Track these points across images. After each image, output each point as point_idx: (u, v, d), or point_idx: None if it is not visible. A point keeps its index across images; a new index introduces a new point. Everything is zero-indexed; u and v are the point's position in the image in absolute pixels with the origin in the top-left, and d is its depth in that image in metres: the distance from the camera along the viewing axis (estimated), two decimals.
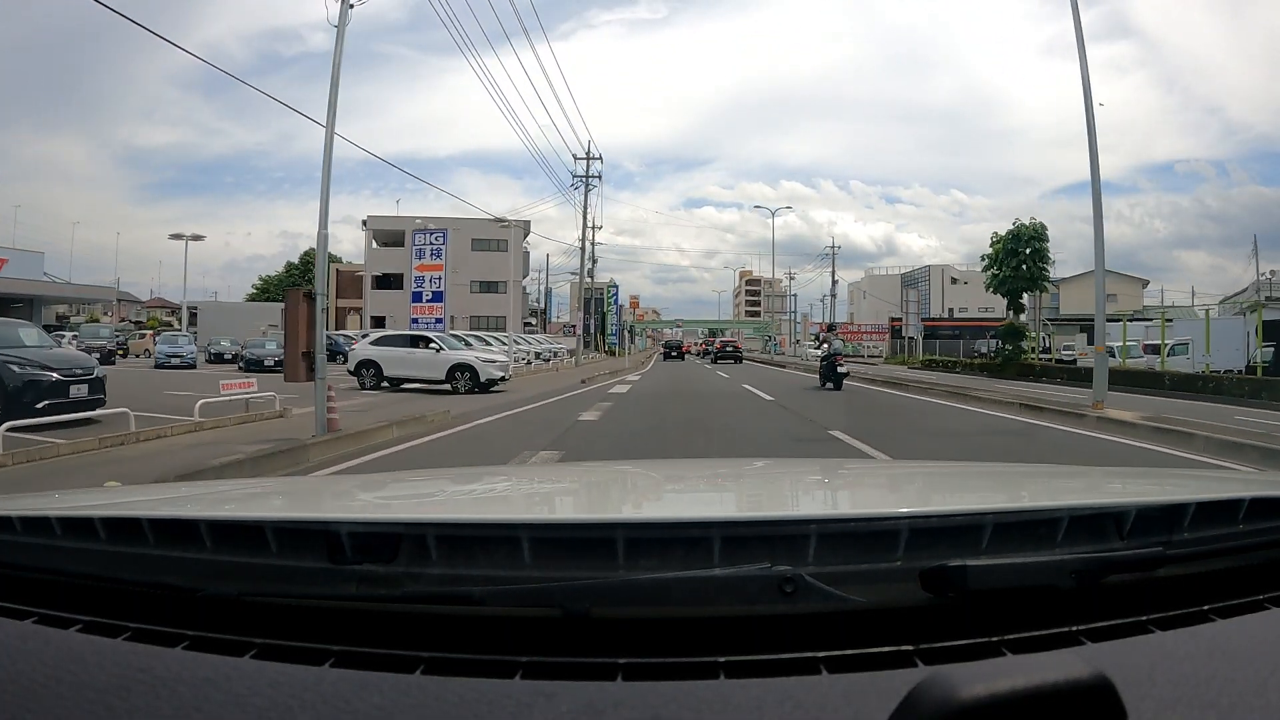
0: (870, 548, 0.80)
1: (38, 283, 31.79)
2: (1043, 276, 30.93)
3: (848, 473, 2.19)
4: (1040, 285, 31.13)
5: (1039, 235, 30.66)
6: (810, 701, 0.63)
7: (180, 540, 0.84)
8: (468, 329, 37.58)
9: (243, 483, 2.42)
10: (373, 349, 17.45)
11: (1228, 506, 0.95)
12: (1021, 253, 30.49)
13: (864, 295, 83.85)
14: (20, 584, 0.86)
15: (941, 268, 74.45)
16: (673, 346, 52.16)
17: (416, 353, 17.01)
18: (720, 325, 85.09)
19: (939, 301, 74.17)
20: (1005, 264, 30.56)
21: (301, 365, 9.11)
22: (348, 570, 0.78)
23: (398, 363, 16.87)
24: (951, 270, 77.70)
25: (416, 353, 17.01)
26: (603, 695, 0.64)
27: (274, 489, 1.69)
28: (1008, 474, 1.93)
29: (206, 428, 9.28)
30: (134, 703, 0.65)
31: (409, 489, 1.60)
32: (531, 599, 0.75)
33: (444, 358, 16.77)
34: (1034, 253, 30.52)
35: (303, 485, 1.83)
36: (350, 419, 9.83)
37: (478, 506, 1.37)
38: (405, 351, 17.10)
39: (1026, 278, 30.40)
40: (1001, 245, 30.91)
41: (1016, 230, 30.59)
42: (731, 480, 1.77)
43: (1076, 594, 0.78)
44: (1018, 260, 30.44)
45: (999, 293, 31.56)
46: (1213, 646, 0.74)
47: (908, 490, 1.59)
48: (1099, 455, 7.79)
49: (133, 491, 1.98)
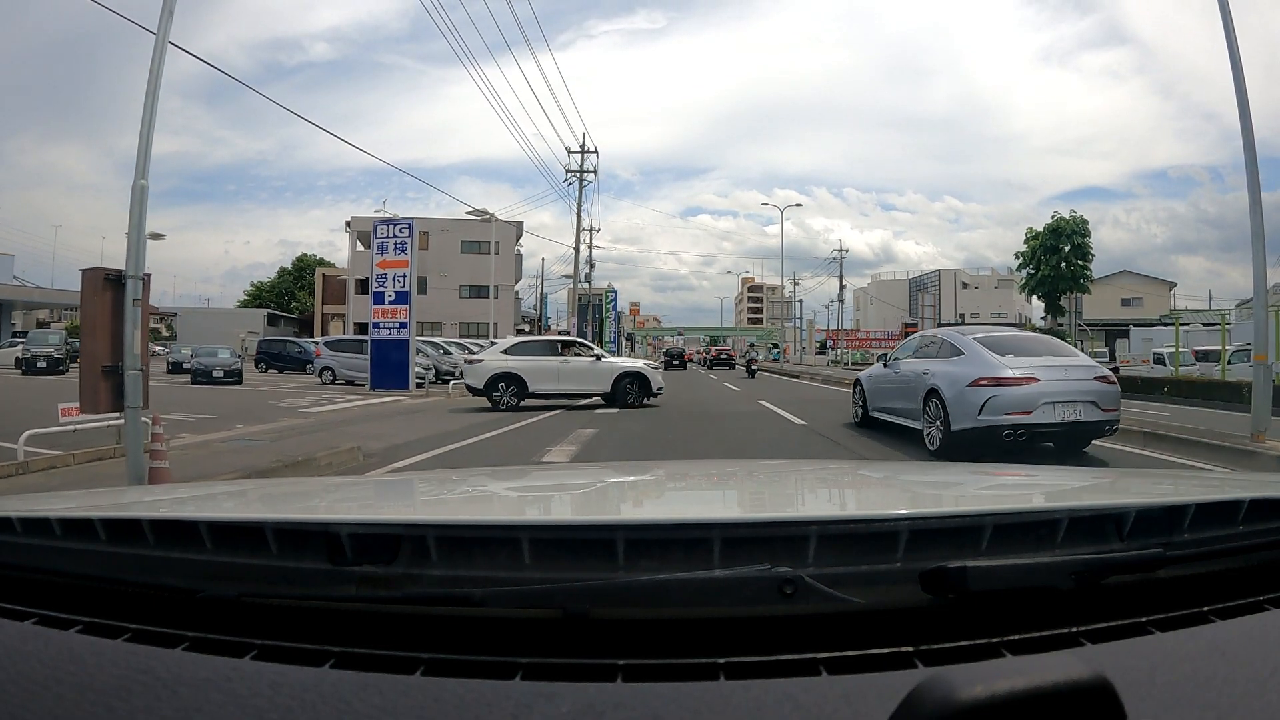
0: (870, 549, 0.80)
1: (7, 286, 29.23)
2: (1084, 275, 27.57)
3: (847, 474, 2.19)
4: (1082, 285, 27.74)
5: (1080, 229, 27.42)
6: (810, 703, 0.63)
7: (180, 541, 0.85)
8: (456, 335, 34.25)
9: (243, 483, 2.35)
10: (510, 359, 14.24)
11: (1228, 507, 0.95)
12: (1062, 249, 27.13)
13: (870, 301, 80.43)
14: (20, 585, 0.86)
15: (953, 271, 71.10)
16: (674, 354, 51.89)
17: (571, 362, 14.44)
18: (722, 333, 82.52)
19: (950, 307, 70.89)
20: (1045, 262, 27.24)
21: (103, 388, 5.63)
22: (348, 571, 0.79)
23: (548, 375, 14.15)
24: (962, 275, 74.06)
25: (571, 362, 14.44)
26: (603, 696, 0.64)
27: (274, 489, 1.68)
28: (1007, 475, 1.91)
29: (35, 469, 6.82)
30: (134, 703, 0.65)
31: (409, 490, 1.63)
32: (532, 600, 0.75)
33: (607, 366, 14.51)
34: (1075, 249, 27.21)
35: (303, 486, 1.82)
36: (215, 460, 7.26)
37: (478, 507, 1.37)
38: (557, 361, 14.43)
39: (1068, 276, 27.05)
40: (1039, 241, 27.72)
41: (1055, 225, 27.45)
42: (731, 481, 1.77)
43: (1076, 595, 0.78)
44: (1058, 258, 27.09)
45: (1035, 294, 28.30)
46: (1212, 647, 0.74)
47: (907, 491, 1.57)
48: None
49: (133, 492, 2.00)
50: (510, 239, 49.51)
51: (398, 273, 19.04)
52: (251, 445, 8.64)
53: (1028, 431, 7.00)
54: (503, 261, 49.18)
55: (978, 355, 7.61)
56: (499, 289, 48.21)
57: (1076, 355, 8.39)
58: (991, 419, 7.04)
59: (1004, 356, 7.47)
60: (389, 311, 18.95)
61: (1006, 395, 7.07)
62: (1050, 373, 7.21)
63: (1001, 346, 7.76)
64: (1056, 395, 7.07)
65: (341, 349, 23.46)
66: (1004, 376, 7.17)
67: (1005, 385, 7.12)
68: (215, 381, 22.74)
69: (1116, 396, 7.41)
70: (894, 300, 77.26)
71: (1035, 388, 7.05)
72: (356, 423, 11.83)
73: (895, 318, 72.36)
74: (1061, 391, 7.09)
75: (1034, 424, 6.99)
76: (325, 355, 23.57)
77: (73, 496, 1.52)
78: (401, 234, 19.19)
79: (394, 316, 18.87)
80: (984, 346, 7.73)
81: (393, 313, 18.90)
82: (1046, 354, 7.75)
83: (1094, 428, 7.29)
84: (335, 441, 8.77)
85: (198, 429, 10.42)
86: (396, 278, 19.03)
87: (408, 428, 11.05)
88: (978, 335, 8.23)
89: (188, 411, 12.90)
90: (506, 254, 50.01)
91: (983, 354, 7.59)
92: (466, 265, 46.56)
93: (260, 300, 56.55)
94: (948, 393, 7.48)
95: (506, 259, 49.93)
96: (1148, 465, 7.20)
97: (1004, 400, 7.06)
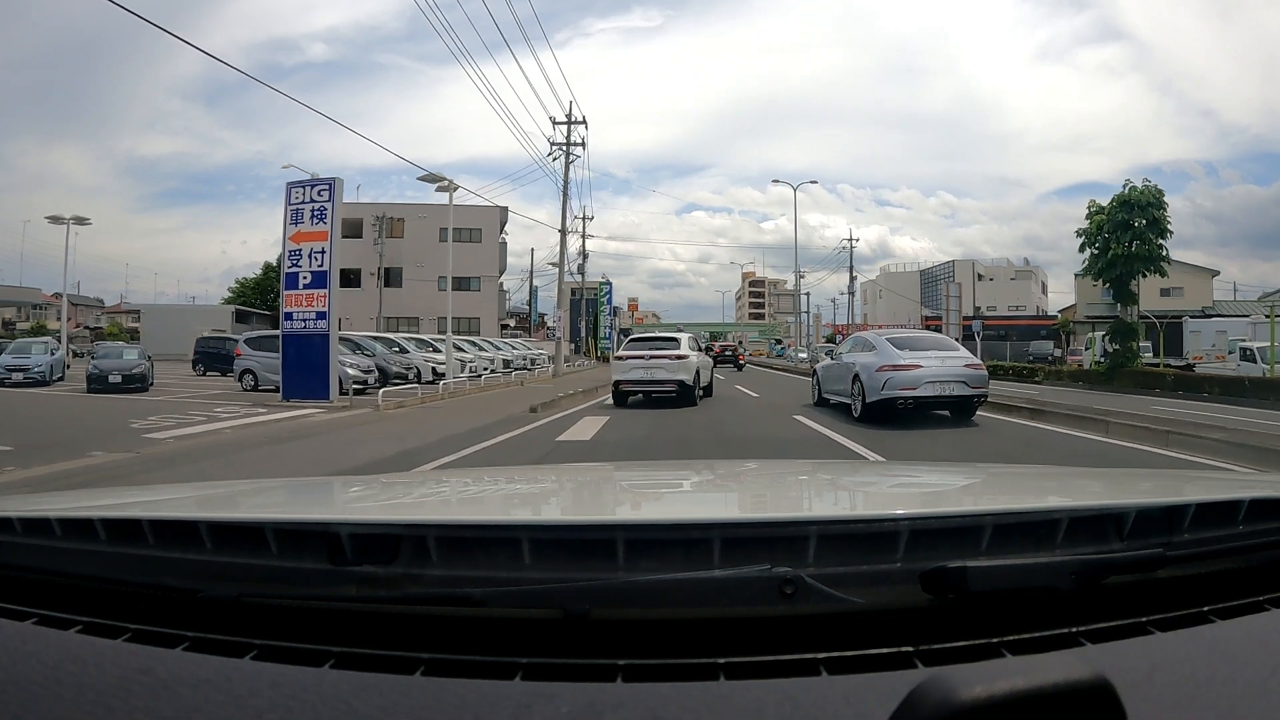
0: (870, 549, 0.82)
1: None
2: (1160, 256, 22.90)
3: (848, 474, 2.20)
4: (1159, 267, 23.06)
5: (1156, 200, 22.70)
6: (810, 703, 0.65)
7: (180, 541, 0.86)
8: (435, 332, 29.50)
9: (242, 483, 2.27)
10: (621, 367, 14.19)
11: (1228, 508, 0.96)
12: (1135, 224, 22.42)
13: (880, 294, 75.93)
14: (20, 585, 0.88)
15: (970, 262, 66.56)
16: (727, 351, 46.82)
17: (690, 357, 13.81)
18: (723, 328, 78.46)
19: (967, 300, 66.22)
20: (1117, 239, 22.47)
21: None
22: (348, 571, 0.80)
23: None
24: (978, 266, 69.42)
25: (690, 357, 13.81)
26: (603, 696, 0.66)
27: (274, 489, 1.65)
28: (1008, 475, 1.93)
29: None
30: (134, 704, 0.66)
31: (410, 490, 1.63)
32: (532, 600, 0.76)
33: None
34: (1151, 223, 22.45)
35: (303, 486, 1.79)
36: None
37: (478, 508, 1.37)
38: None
39: (1143, 256, 22.36)
40: (1106, 217, 22.90)
41: (1126, 197, 22.58)
42: (731, 481, 1.77)
43: (1076, 595, 0.79)
44: (1131, 235, 22.36)
45: (1101, 279, 23.49)
46: (1213, 648, 0.76)
47: (908, 491, 1.59)
48: None
49: (133, 492, 1.95)
50: (494, 226, 44.74)
51: (314, 247, 14.44)
52: None
53: (915, 402, 9.99)
54: (485, 250, 44.46)
55: (885, 349, 10.63)
56: (482, 280, 43.53)
57: (957, 349, 11.31)
58: (890, 393, 9.99)
59: (902, 350, 10.48)
60: (303, 298, 14.47)
61: (899, 377, 10.01)
62: (931, 360, 10.22)
63: (901, 343, 10.84)
64: (935, 376, 10.02)
65: (264, 347, 18.80)
66: (899, 364, 10.15)
67: (899, 370, 10.06)
68: (114, 389, 18.38)
69: (984, 378, 10.54)
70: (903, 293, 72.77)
71: (919, 372, 10.00)
72: (201, 459, 8.57)
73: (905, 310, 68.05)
74: (939, 374, 10.04)
75: (919, 396, 9.96)
76: (246, 355, 19.09)
77: (72, 496, 1.57)
78: (321, 197, 14.55)
79: (309, 305, 14.41)
80: (890, 344, 10.79)
81: (308, 299, 14.46)
82: (933, 349, 10.80)
83: (966, 401, 10.27)
84: None
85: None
86: (314, 254, 14.44)
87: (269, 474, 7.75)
88: (888, 335, 11.52)
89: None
90: (490, 242, 45.21)
91: (888, 348, 10.61)
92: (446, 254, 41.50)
93: (243, 298, 51.68)
94: (864, 376, 10.46)
95: (490, 248, 45.19)
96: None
97: (898, 380, 10.00)
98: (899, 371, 9.91)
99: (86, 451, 8.75)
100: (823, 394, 12.71)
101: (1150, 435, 8.65)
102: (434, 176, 18.74)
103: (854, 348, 11.78)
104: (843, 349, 12.70)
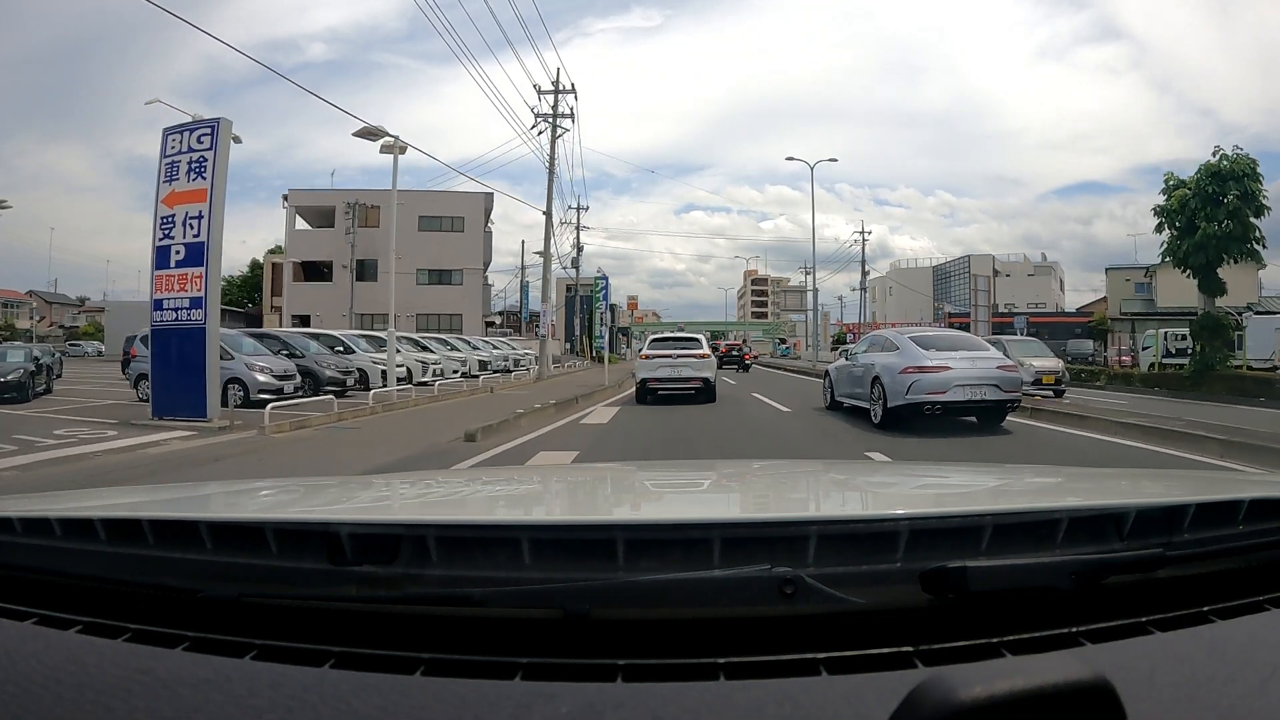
0: (870, 549, 0.82)
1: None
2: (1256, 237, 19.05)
3: (848, 474, 2.14)
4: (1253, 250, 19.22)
5: (1251, 173, 18.80)
6: (810, 703, 0.65)
7: (180, 541, 0.86)
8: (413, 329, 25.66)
9: (242, 483, 2.23)
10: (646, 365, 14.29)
11: (1228, 507, 0.96)
12: (1227, 200, 18.50)
13: (890, 291, 72.23)
14: (20, 585, 0.88)
15: (988, 257, 62.77)
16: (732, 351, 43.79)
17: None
18: (725, 327, 74.86)
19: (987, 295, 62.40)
20: (1206, 217, 18.58)
21: None
22: (348, 571, 0.80)
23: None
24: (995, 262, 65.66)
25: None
26: (603, 696, 0.66)
27: (274, 489, 1.63)
28: (1008, 475, 1.91)
29: None
30: (134, 704, 0.66)
31: (410, 490, 1.61)
32: (532, 600, 0.77)
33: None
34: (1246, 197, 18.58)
35: (303, 486, 1.74)
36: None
37: (478, 508, 1.36)
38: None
39: (1236, 237, 18.48)
40: (1193, 191, 18.95)
41: (1215, 167, 18.69)
42: (732, 481, 1.76)
43: (1076, 595, 0.80)
44: (1223, 212, 18.46)
45: (1185, 265, 19.60)
46: (1213, 648, 0.77)
47: (908, 491, 1.59)
48: None
49: (133, 492, 1.89)
50: (478, 214, 40.90)
51: (190, 211, 10.53)
52: None
53: (943, 407, 9.13)
54: (468, 240, 40.68)
55: (909, 349, 9.71)
56: (465, 274, 39.66)
57: (988, 349, 10.33)
58: (916, 398, 9.14)
59: (928, 351, 9.57)
60: (175, 279, 10.54)
61: (926, 379, 9.14)
62: (960, 362, 9.33)
63: (927, 343, 9.94)
64: (965, 379, 9.16)
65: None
66: (925, 365, 9.26)
67: (926, 372, 9.18)
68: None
69: (1017, 382, 9.75)
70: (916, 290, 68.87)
71: (948, 374, 9.13)
72: None
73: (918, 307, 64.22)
74: (970, 377, 9.17)
75: (948, 401, 9.10)
76: (141, 358, 14.84)
77: (73, 496, 1.49)
78: (201, 145, 10.61)
79: (182, 288, 10.44)
80: (914, 343, 9.91)
81: (180, 281, 10.48)
82: (962, 349, 9.86)
83: (998, 406, 9.46)
84: None
85: None
86: (189, 220, 10.55)
87: None
88: (911, 334, 10.65)
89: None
90: (474, 232, 41.35)
91: (912, 349, 9.69)
92: (426, 245, 37.64)
93: (229, 296, 47.83)
94: (885, 378, 9.58)
95: (473, 238, 41.36)
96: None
97: (925, 383, 9.13)
98: (925, 374, 9.12)
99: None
100: (835, 397, 12.03)
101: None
102: (374, 130, 14.78)
103: (872, 347, 11.06)
104: (858, 349, 12.05)
